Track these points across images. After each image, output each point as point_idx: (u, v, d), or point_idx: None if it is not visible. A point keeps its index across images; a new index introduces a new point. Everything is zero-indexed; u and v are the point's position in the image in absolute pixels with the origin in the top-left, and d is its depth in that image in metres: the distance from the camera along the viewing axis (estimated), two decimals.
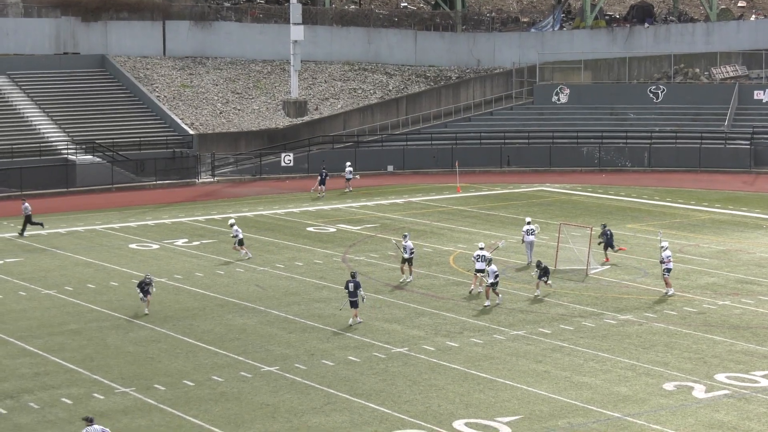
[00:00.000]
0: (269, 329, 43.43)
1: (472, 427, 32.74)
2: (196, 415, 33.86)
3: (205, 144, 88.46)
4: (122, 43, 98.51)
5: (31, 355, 40.36)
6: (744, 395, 35.47)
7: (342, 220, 67.32)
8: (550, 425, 32.91)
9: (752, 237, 61.59)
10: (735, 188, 79.22)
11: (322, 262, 55.48)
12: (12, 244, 61.10)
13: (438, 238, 60.89)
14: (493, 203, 73.60)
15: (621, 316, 44.80)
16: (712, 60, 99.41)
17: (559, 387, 36.27)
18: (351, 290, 43.31)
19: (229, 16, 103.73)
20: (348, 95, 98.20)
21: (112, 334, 43.02)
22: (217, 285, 50.84)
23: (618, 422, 33.13)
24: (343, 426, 32.95)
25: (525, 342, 41.44)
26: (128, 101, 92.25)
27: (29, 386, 36.81)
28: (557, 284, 49.78)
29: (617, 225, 64.39)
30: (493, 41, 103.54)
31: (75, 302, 47.95)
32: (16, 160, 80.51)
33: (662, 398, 35.24)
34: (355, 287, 43.19)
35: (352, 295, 43.31)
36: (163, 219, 68.86)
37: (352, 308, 43.55)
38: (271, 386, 36.48)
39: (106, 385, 36.69)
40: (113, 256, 57.35)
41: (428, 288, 49.85)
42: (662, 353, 39.89)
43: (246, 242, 56.41)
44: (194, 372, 38.13)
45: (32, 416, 33.97)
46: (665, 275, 48.06)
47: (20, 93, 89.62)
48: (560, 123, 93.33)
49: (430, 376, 37.55)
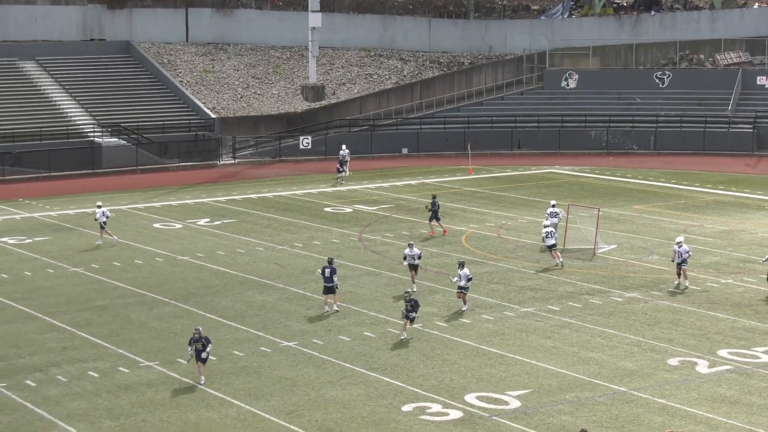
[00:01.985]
0: (288, 306, 43.49)
1: (483, 400, 32.76)
2: (218, 388, 33.95)
3: (227, 127, 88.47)
4: (146, 29, 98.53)
5: (59, 330, 40.50)
6: (746, 370, 35.44)
7: (358, 200, 67.32)
8: (558, 398, 32.92)
9: (754, 218, 61.44)
10: (738, 171, 78.99)
11: (339, 242, 55.50)
12: (40, 223, 61.23)
13: (451, 219, 60.83)
14: (504, 185, 73.52)
15: (627, 294, 44.77)
16: (716, 46, 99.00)
17: (567, 362, 36.28)
18: (327, 276, 41.96)
19: (249, 4, 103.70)
20: (364, 80, 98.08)
21: (136, 310, 43.13)
22: (237, 263, 50.90)
23: (624, 396, 33.14)
24: (358, 399, 33.01)
25: (534, 319, 41.44)
26: (152, 86, 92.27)
27: (57, 360, 36.94)
28: (566, 263, 49.73)
29: (624, 206, 64.38)
30: (504, 28, 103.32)
31: (101, 279, 48.07)
32: (45, 143, 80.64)
33: (667, 373, 35.22)
34: (331, 273, 41.91)
35: (327, 281, 41.96)
36: (186, 199, 68.94)
37: (325, 294, 42.30)
38: (289, 360, 36.55)
39: (131, 359, 36.80)
40: (138, 235, 57.44)
41: (441, 266, 49.82)
42: (667, 330, 39.86)
43: (266, 222, 56.38)
44: (216, 346, 38.17)
45: (60, 389, 34.09)
46: (683, 266, 45.29)
47: (48, 78, 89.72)
48: (569, 107, 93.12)
49: (442, 351, 37.58)
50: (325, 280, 42.01)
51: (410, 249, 45.31)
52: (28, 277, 48.66)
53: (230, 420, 31.40)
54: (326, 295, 42.31)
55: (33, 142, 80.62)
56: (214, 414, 31.88)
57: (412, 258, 45.24)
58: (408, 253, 45.30)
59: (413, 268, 45.59)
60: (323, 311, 42.14)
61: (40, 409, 32.39)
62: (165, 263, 51.04)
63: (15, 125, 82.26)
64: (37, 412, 32.17)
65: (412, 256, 45.15)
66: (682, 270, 45.50)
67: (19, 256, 52.98)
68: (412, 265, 45.46)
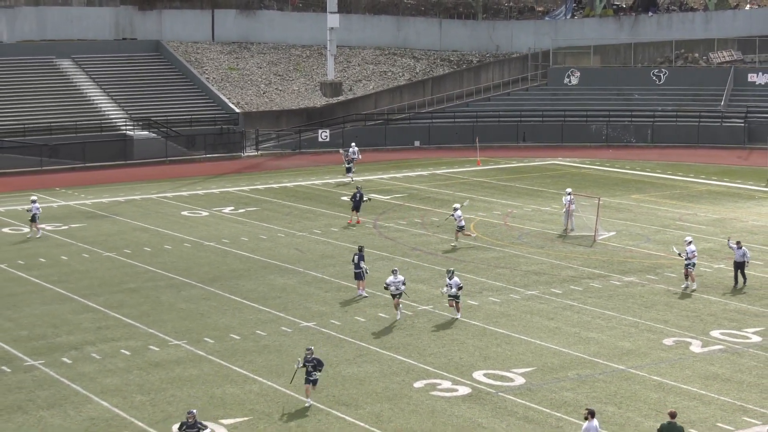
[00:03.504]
0: (307, 288, 43.53)
1: (490, 377, 32.79)
2: (242, 366, 34.02)
3: (250, 121, 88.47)
4: (175, 29, 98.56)
5: (93, 311, 40.61)
6: (737, 350, 35.40)
7: (373, 190, 67.27)
8: (560, 376, 32.93)
9: (745, 207, 61.29)
10: (730, 162, 78.77)
11: (355, 228, 55.50)
12: (76, 211, 61.36)
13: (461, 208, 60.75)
14: (509, 175, 73.43)
15: (625, 278, 44.72)
16: (710, 45, 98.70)
17: (568, 342, 36.28)
18: (356, 262, 41.91)
19: (271, 5, 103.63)
20: (379, 77, 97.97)
21: (166, 292, 43.21)
22: (260, 248, 50.95)
23: (622, 374, 33.13)
24: (373, 375, 33.06)
25: (538, 301, 41.42)
26: (180, 82, 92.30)
27: (91, 339, 37.05)
28: (568, 249, 49.70)
29: (622, 195, 64.26)
30: (510, 28, 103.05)
31: (132, 263, 48.17)
32: (80, 135, 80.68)
33: (662, 352, 35.20)
34: (359, 260, 41.81)
35: (356, 267, 41.97)
36: (212, 189, 68.99)
37: (357, 280, 42.34)
38: (308, 340, 36.56)
39: (160, 338, 36.90)
40: (167, 222, 57.53)
41: (450, 252, 49.82)
42: (662, 312, 39.82)
43: (287, 210, 56.36)
44: (240, 327, 38.29)
45: (94, 366, 34.20)
46: (690, 269, 42.75)
47: (83, 75, 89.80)
48: (571, 103, 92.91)
49: (452, 331, 37.60)
50: (355, 266, 42.00)
51: (394, 275, 38.97)
52: (65, 261, 48.79)
53: (253, 395, 31.47)
54: (357, 281, 42.23)
55: (69, 135, 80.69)
56: (238, 389, 31.96)
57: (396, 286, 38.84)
58: (392, 281, 38.81)
59: (396, 296, 39.02)
60: (356, 295, 42.00)
61: (76, 384, 32.51)
62: (192, 248, 51.12)
63: (52, 119, 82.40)
64: (73, 387, 32.29)
65: (396, 284, 38.74)
66: (689, 272, 42.91)
67: (56, 241, 53.12)
68: (394, 294, 38.96)
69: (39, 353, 35.48)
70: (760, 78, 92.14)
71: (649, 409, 30.25)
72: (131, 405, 30.77)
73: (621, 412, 30.08)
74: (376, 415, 29.90)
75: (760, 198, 64.04)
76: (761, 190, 66.53)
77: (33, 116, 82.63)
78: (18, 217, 58.31)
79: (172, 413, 30.08)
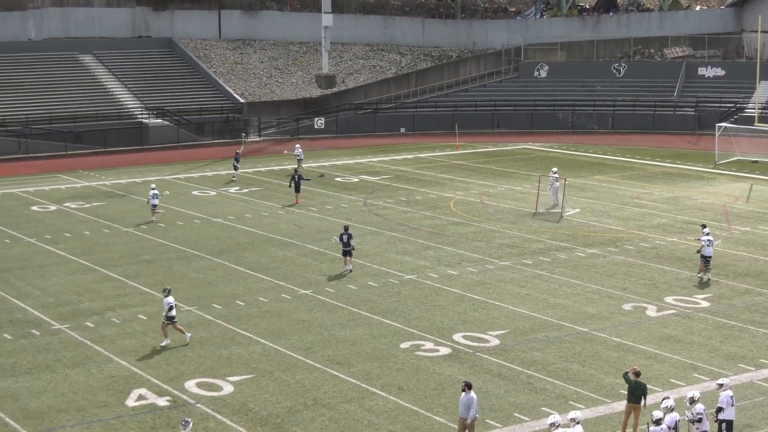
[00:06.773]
0: (305, 260, 43.47)
1: (468, 339, 32.80)
2: (246, 329, 34.00)
3: (253, 110, 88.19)
4: (185, 28, 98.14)
5: (113, 280, 40.52)
6: (688, 314, 35.46)
7: (363, 171, 67.20)
8: (530, 337, 32.96)
9: (695, 186, 61.32)
10: (681, 147, 78.77)
11: (347, 206, 55.42)
12: (97, 191, 61.15)
13: (441, 187, 60.75)
14: (486, 158, 73.34)
15: (589, 250, 44.73)
16: (664, 42, 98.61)
17: (538, 307, 36.30)
18: (345, 241, 41.13)
19: (272, 6, 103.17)
20: (368, 71, 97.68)
21: (178, 263, 43.12)
22: (262, 224, 50.85)
23: (586, 335, 33.17)
24: (363, 338, 33.05)
25: (511, 271, 41.42)
26: (190, 75, 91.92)
27: (112, 305, 36.98)
28: (538, 224, 49.70)
29: (586, 176, 64.24)
30: (486, 27, 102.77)
31: (148, 238, 48.05)
32: (101, 123, 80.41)
33: (622, 316, 35.25)
34: (348, 238, 41.20)
35: (345, 245, 41.24)
36: (219, 171, 68.78)
37: (344, 256, 41.49)
38: (306, 306, 36.57)
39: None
40: (179, 201, 57.37)
41: (433, 227, 49.78)
42: (622, 280, 39.85)
43: (287, 190, 56.06)
44: (244, 294, 38.24)
45: (114, 329, 34.15)
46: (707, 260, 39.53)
47: (103, 69, 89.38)
48: (541, 94, 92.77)
49: (434, 298, 37.59)
50: (344, 245, 41.26)
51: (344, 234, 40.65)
52: (87, 236, 48.65)
53: (257, 355, 31.45)
54: (345, 257, 41.66)
55: (90, 122, 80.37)
56: (243, 350, 31.93)
57: None
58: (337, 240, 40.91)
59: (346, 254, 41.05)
60: (343, 270, 41.32)
61: (98, 345, 32.47)
62: (202, 224, 51.01)
63: (75, 108, 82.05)
64: (95, 348, 32.24)
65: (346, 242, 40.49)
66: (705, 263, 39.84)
67: (79, 218, 52.95)
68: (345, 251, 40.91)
69: (65, 318, 35.40)
70: (708, 71, 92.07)
71: (610, 367, 30.30)
72: (148, 364, 30.72)
73: (585, 369, 30.12)
74: (366, 373, 29.89)
75: (708, 178, 64.07)
76: (709, 171, 66.57)
77: (59, 106, 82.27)
78: (45, 196, 58.10)
79: (184, 371, 30.05)
